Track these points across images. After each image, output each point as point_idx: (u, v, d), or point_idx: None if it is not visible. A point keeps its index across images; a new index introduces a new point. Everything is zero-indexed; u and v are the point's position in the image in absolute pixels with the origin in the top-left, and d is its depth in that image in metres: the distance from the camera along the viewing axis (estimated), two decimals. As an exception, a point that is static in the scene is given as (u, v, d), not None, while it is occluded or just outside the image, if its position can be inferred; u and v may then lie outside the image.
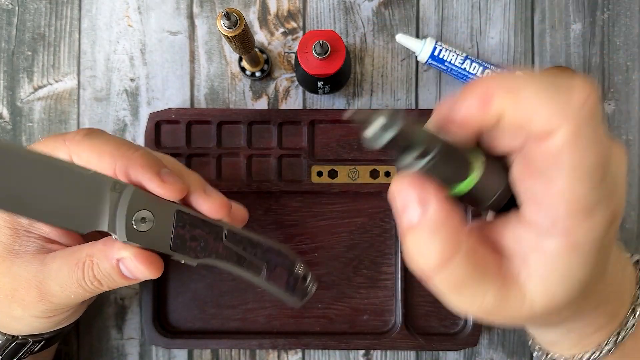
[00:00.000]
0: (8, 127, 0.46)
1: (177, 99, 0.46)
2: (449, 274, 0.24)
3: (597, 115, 0.23)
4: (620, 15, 0.46)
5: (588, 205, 0.23)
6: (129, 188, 0.31)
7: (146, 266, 0.31)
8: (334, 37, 0.40)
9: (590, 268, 0.24)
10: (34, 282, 0.33)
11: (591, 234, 0.23)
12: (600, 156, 0.22)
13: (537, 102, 0.22)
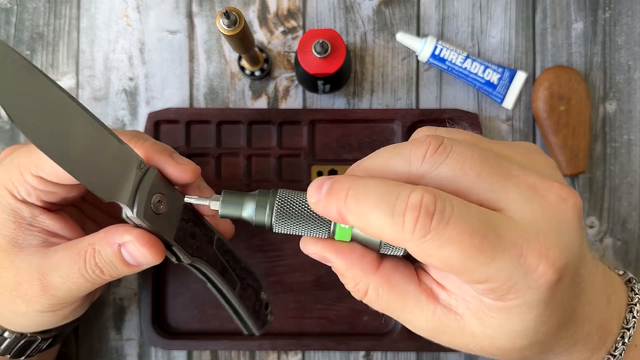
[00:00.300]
0: (6, 127, 0.46)
1: (176, 99, 0.46)
2: (371, 299, 0.28)
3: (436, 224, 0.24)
4: (621, 14, 0.46)
5: (480, 278, 0.24)
6: (153, 170, 0.31)
7: (148, 248, 0.31)
8: (334, 36, 0.40)
9: (531, 323, 0.25)
10: (35, 275, 0.32)
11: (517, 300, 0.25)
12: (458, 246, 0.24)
13: (378, 227, 0.25)
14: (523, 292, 0.24)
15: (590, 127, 0.45)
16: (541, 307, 0.25)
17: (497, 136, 0.46)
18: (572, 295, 0.26)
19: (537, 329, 0.26)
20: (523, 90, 0.46)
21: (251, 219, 0.29)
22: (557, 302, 0.25)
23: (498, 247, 0.24)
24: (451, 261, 0.24)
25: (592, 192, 0.46)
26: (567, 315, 0.27)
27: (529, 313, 0.25)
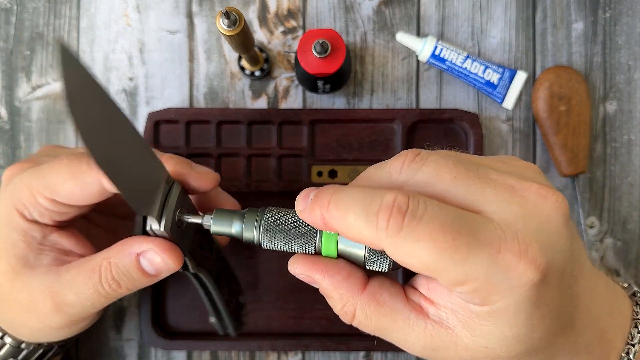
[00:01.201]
0: (6, 127, 0.46)
1: (176, 99, 0.46)
2: (361, 321, 0.28)
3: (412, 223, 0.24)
4: (622, 14, 0.46)
5: (458, 278, 0.24)
6: (177, 184, 0.32)
7: (169, 255, 0.31)
8: (334, 36, 0.40)
9: (521, 327, 0.25)
10: (48, 294, 0.32)
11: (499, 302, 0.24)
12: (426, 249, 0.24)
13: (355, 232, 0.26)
14: (506, 292, 0.24)
15: (590, 127, 0.45)
16: (529, 308, 0.24)
17: (497, 136, 0.46)
18: (565, 298, 0.26)
19: (529, 334, 0.25)
20: (523, 90, 0.46)
21: (240, 236, 0.30)
22: (547, 304, 0.25)
23: (474, 244, 0.24)
24: (426, 259, 0.24)
25: (592, 192, 0.46)
26: (563, 320, 0.26)
27: (517, 316, 0.25)
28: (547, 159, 0.46)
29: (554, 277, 0.25)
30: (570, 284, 0.26)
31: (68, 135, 0.46)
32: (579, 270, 0.27)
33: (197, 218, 0.31)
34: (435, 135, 0.45)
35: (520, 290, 0.24)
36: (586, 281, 0.28)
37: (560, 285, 0.25)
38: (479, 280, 0.24)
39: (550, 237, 0.25)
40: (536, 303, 0.25)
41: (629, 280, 0.45)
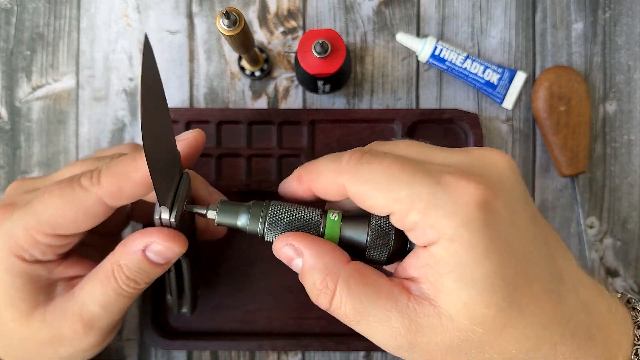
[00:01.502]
0: (6, 127, 0.46)
1: (176, 99, 0.46)
2: (342, 298, 0.27)
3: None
4: (622, 14, 0.46)
5: (405, 198, 0.27)
6: (186, 174, 0.32)
7: (173, 242, 0.31)
8: (334, 37, 0.40)
9: (504, 265, 0.26)
10: (75, 317, 0.32)
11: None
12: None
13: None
14: (451, 213, 0.25)
15: (590, 127, 0.45)
16: (481, 234, 0.25)
17: (497, 136, 0.46)
18: (525, 240, 0.26)
19: (497, 275, 0.25)
20: (523, 90, 0.46)
21: (245, 228, 0.31)
22: (502, 238, 0.25)
23: (419, 169, 0.26)
24: (378, 183, 0.27)
25: (592, 192, 0.46)
26: (533, 271, 0.26)
27: (474, 246, 0.25)
28: (547, 159, 0.46)
29: (503, 207, 0.26)
30: (528, 227, 0.27)
31: (68, 135, 0.46)
32: (542, 225, 0.28)
33: (202, 209, 0.32)
34: (435, 136, 0.45)
35: (464, 208, 0.25)
36: (561, 250, 0.29)
37: (514, 221, 0.26)
38: (423, 199, 0.26)
39: (495, 174, 0.27)
40: (487, 230, 0.25)
41: (629, 281, 0.45)
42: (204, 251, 0.45)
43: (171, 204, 0.31)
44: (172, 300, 0.39)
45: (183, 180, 0.32)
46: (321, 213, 0.31)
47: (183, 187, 0.31)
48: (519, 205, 0.27)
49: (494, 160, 0.28)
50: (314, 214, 0.31)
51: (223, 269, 0.45)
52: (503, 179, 0.27)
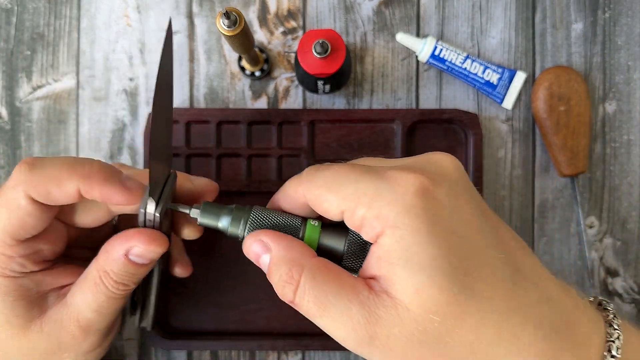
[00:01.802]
0: (7, 127, 0.46)
1: (176, 99, 0.46)
2: (305, 289, 0.28)
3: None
4: (621, 14, 0.46)
5: (353, 194, 0.28)
6: (174, 174, 0.33)
7: (154, 244, 0.32)
8: (334, 37, 0.40)
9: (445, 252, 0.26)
10: (71, 325, 0.33)
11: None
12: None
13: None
14: (393, 201, 0.27)
15: (590, 127, 0.45)
16: (422, 219, 0.26)
17: (497, 136, 0.46)
18: (465, 224, 0.27)
19: (446, 256, 0.26)
20: (523, 90, 0.46)
21: (225, 230, 0.32)
22: (444, 223, 0.26)
23: (366, 170, 0.28)
24: (330, 184, 0.28)
25: (592, 192, 0.46)
26: (484, 255, 0.27)
27: (419, 230, 0.26)
28: (547, 159, 0.46)
29: (445, 195, 0.27)
30: (472, 218, 0.27)
31: (68, 135, 0.46)
32: (492, 219, 0.29)
33: (186, 208, 0.33)
34: (435, 136, 0.45)
35: (404, 196, 0.26)
36: (519, 245, 0.29)
37: (458, 210, 0.27)
38: (368, 194, 0.27)
39: (438, 168, 0.28)
40: (428, 215, 0.26)
41: (629, 280, 0.45)
42: (204, 251, 0.45)
43: (158, 199, 0.31)
44: (134, 312, 0.39)
45: (171, 179, 0.33)
46: (302, 220, 0.31)
47: (170, 185, 0.33)
48: (462, 197, 0.28)
49: (437, 158, 0.29)
50: (294, 220, 0.31)
51: (223, 268, 0.45)
52: (445, 172, 0.28)
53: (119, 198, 0.32)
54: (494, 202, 0.46)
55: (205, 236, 0.45)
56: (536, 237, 0.46)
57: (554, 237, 0.46)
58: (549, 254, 0.46)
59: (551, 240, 0.46)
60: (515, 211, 0.46)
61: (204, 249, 0.45)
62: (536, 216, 0.46)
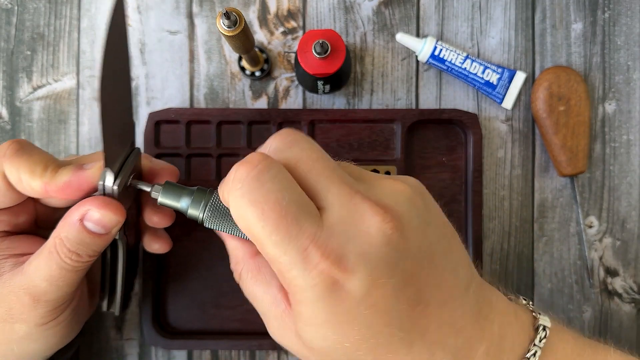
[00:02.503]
0: (7, 127, 0.46)
1: (177, 99, 0.46)
2: (243, 284, 0.33)
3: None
4: (621, 14, 0.46)
5: (270, 256, 0.28)
6: (137, 150, 0.34)
7: (108, 209, 0.31)
8: (334, 37, 0.40)
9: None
10: (22, 291, 0.33)
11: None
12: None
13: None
14: (302, 289, 0.27)
15: (589, 127, 0.45)
16: (324, 310, 0.27)
17: (497, 136, 0.46)
18: (379, 307, 0.27)
19: (339, 342, 0.28)
20: (522, 90, 0.46)
21: (185, 211, 0.32)
22: (345, 313, 0.27)
23: (292, 234, 0.26)
24: (252, 226, 0.27)
25: (592, 192, 0.46)
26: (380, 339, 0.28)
27: (316, 317, 0.27)
28: (547, 159, 0.46)
29: (355, 286, 0.26)
30: (389, 293, 0.27)
31: (69, 135, 0.46)
32: (412, 280, 0.28)
33: (147, 186, 0.33)
34: (435, 136, 0.45)
35: (314, 288, 0.26)
36: (435, 292, 0.29)
37: (368, 296, 0.27)
38: (282, 268, 0.27)
39: (362, 247, 0.27)
40: (331, 306, 0.27)
41: (628, 280, 0.45)
42: (204, 251, 0.45)
43: (117, 172, 0.31)
44: (103, 295, 0.39)
45: (133, 154, 0.33)
46: None
47: (131, 159, 0.33)
48: (379, 281, 0.27)
49: (365, 228, 0.27)
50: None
51: (222, 268, 0.45)
52: (367, 253, 0.27)
53: (88, 183, 0.32)
54: (494, 202, 0.46)
55: (206, 236, 0.45)
56: (536, 237, 0.46)
57: (554, 236, 0.46)
58: (548, 253, 0.46)
59: (551, 240, 0.46)
60: (515, 211, 0.46)
61: (204, 248, 0.45)
62: (536, 216, 0.46)
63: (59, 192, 0.32)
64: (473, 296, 0.30)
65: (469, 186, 0.45)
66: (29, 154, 0.33)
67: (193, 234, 0.44)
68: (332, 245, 0.26)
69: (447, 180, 0.45)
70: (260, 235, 0.27)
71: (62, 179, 0.32)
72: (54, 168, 0.33)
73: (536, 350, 0.30)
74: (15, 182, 0.33)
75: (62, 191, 0.32)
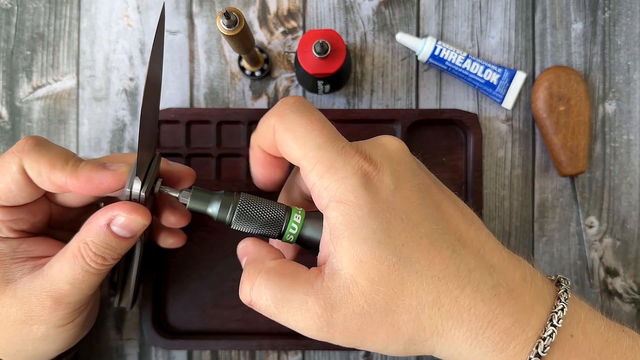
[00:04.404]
0: (7, 127, 0.46)
1: (177, 99, 0.46)
2: (261, 290, 0.31)
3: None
4: (621, 14, 0.46)
5: (313, 158, 0.30)
6: (158, 156, 0.35)
7: (136, 213, 0.32)
8: (334, 37, 0.40)
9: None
10: (44, 294, 0.33)
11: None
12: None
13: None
14: (343, 179, 0.29)
15: (589, 127, 0.45)
16: (366, 197, 0.29)
17: (497, 136, 0.46)
18: (405, 200, 0.29)
19: (385, 230, 0.28)
20: (522, 90, 0.46)
21: (214, 216, 0.33)
22: (387, 200, 0.29)
23: (333, 135, 0.31)
24: (298, 135, 0.30)
25: (592, 192, 0.46)
26: (416, 224, 0.29)
27: (362, 206, 0.28)
28: (547, 159, 0.46)
29: (388, 177, 0.29)
30: (413, 195, 0.30)
31: (69, 135, 0.46)
32: (435, 194, 0.31)
33: (175, 192, 0.34)
34: (435, 136, 0.45)
35: (353, 176, 0.29)
36: (463, 217, 0.31)
37: (399, 189, 0.29)
38: (324, 163, 0.29)
39: (384, 152, 0.31)
40: (371, 194, 0.29)
41: (628, 280, 0.45)
42: (204, 251, 0.45)
43: (144, 178, 0.32)
44: (115, 291, 0.40)
45: (155, 159, 0.34)
46: (285, 210, 0.33)
47: (155, 165, 0.33)
48: (404, 176, 0.30)
49: (384, 141, 0.32)
50: (278, 211, 0.33)
51: (222, 268, 0.45)
52: (390, 154, 0.31)
53: (109, 181, 0.33)
54: (494, 202, 0.46)
55: (206, 236, 0.45)
56: (536, 237, 0.46)
57: (554, 236, 0.46)
58: (548, 253, 0.46)
59: (551, 240, 0.46)
60: (515, 211, 0.46)
61: (204, 248, 0.45)
62: (536, 216, 0.46)
63: (80, 186, 0.33)
64: (491, 235, 0.32)
65: (469, 186, 0.45)
66: (48, 149, 0.33)
67: (193, 235, 0.44)
68: (361, 148, 0.31)
69: (447, 181, 0.45)
70: (305, 139, 0.30)
71: (83, 173, 0.33)
72: (74, 162, 0.33)
73: (565, 289, 0.31)
74: (35, 176, 0.33)
75: (83, 186, 0.33)
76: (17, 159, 0.32)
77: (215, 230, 0.45)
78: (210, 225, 0.45)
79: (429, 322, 0.29)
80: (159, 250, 0.42)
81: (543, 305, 0.30)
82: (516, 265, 0.31)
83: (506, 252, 0.31)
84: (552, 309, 0.30)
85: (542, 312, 0.29)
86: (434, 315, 0.29)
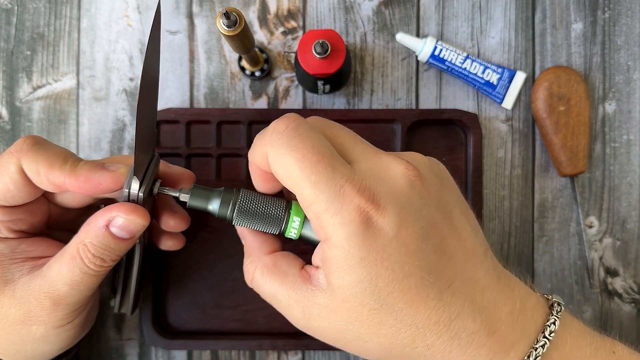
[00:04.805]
0: (7, 127, 0.46)
1: (177, 99, 0.46)
2: (259, 282, 0.33)
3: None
4: (621, 14, 0.46)
5: (309, 198, 0.29)
6: (158, 156, 0.34)
7: (134, 214, 0.32)
8: (334, 37, 0.40)
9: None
10: (43, 295, 0.33)
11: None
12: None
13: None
14: (340, 225, 0.28)
15: (589, 127, 0.45)
16: (360, 246, 0.28)
17: (497, 136, 0.46)
18: (402, 249, 0.29)
19: (372, 281, 0.28)
20: (522, 90, 0.46)
21: (215, 212, 0.34)
22: (381, 251, 0.28)
23: (329, 171, 0.29)
24: (291, 169, 0.29)
25: (592, 192, 0.46)
26: (408, 275, 0.29)
27: (353, 255, 0.28)
28: (547, 159, 0.46)
29: (388, 223, 0.28)
30: (412, 242, 0.29)
31: (69, 135, 0.46)
32: (437, 236, 0.30)
33: (174, 192, 0.34)
34: (435, 136, 0.45)
35: (350, 223, 0.28)
36: (467, 254, 0.30)
37: (398, 237, 0.29)
38: (321, 204, 0.29)
39: (389, 190, 0.29)
40: (365, 244, 0.28)
41: (628, 280, 0.45)
42: (204, 251, 0.45)
43: (142, 179, 0.32)
44: (115, 297, 0.40)
45: (154, 160, 0.34)
46: (285, 206, 0.34)
47: (154, 166, 0.34)
48: (407, 221, 0.29)
49: (392, 174, 0.30)
50: (278, 207, 0.33)
51: (223, 268, 0.45)
52: (397, 195, 0.29)
53: (108, 182, 0.33)
54: (494, 202, 0.46)
55: (206, 237, 0.45)
56: (536, 237, 0.46)
57: (554, 236, 0.46)
58: (548, 253, 0.46)
59: (551, 240, 0.46)
60: (515, 211, 0.46)
61: (204, 248, 0.45)
62: (536, 216, 0.46)
63: (78, 186, 0.33)
64: (491, 262, 0.32)
65: (469, 186, 0.45)
66: (47, 148, 0.33)
67: (193, 235, 0.44)
68: (365, 184, 0.29)
69: (447, 180, 0.45)
70: (299, 177, 0.29)
71: (82, 173, 0.33)
72: (73, 162, 0.33)
73: (555, 319, 0.31)
74: (33, 176, 0.33)
75: (81, 185, 0.33)
76: (15, 159, 0.32)
77: (216, 230, 0.45)
78: (210, 225, 0.45)
79: (399, 358, 0.31)
80: (159, 251, 0.42)
81: (526, 340, 0.30)
82: (507, 297, 0.31)
83: (500, 285, 0.31)
84: (533, 345, 0.30)
85: (524, 346, 0.30)
86: (405, 353, 0.30)
